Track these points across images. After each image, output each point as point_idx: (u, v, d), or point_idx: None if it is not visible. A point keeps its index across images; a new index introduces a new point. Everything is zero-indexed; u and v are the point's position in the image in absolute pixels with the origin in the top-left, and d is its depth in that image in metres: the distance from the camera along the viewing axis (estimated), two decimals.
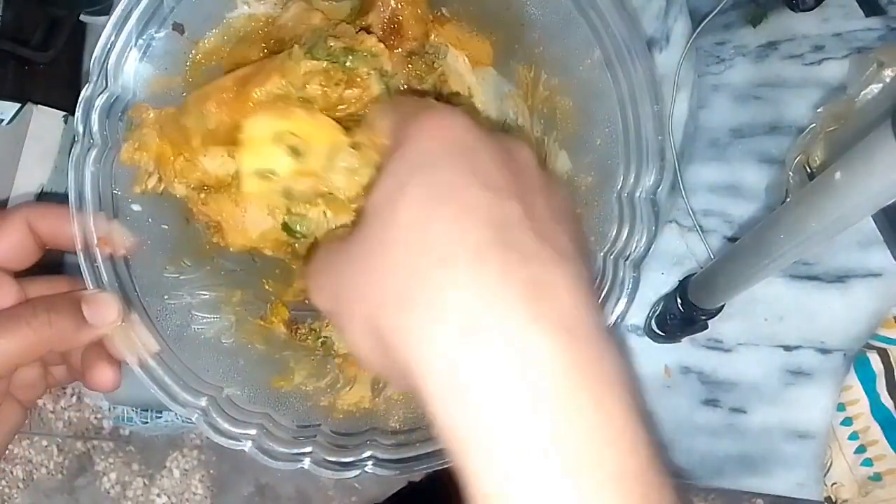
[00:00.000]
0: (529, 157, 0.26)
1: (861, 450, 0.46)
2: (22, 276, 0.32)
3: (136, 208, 0.34)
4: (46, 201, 0.53)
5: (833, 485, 0.46)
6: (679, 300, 0.43)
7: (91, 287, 0.32)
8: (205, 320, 0.35)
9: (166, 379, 0.32)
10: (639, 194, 0.32)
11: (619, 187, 0.33)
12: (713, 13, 0.48)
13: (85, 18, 0.49)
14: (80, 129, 0.32)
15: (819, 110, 0.45)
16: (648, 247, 0.32)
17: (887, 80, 0.42)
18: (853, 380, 0.46)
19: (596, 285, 0.33)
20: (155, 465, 1.36)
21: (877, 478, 0.45)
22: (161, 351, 0.32)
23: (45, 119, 0.53)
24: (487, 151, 0.24)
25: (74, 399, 1.38)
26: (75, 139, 0.32)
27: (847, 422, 0.46)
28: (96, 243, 0.32)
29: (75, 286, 0.33)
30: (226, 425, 0.32)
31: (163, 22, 0.33)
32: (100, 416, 1.37)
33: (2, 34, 0.44)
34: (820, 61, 0.50)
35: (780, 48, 0.50)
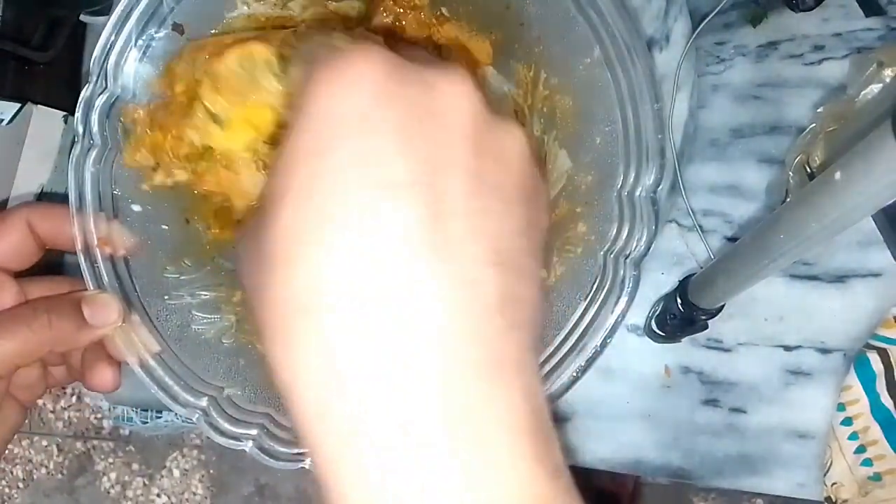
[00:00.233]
0: (469, 115, 0.20)
1: (861, 450, 0.46)
2: (22, 276, 0.33)
3: (136, 208, 0.34)
4: (46, 201, 0.53)
5: (833, 485, 0.46)
6: (679, 300, 0.43)
7: (91, 288, 0.32)
8: (205, 320, 0.35)
9: (167, 379, 0.32)
10: (639, 193, 0.32)
11: (619, 186, 0.33)
12: (713, 13, 0.48)
13: (85, 18, 0.49)
14: (80, 129, 0.32)
15: (819, 110, 0.45)
16: (648, 246, 0.32)
17: (887, 80, 0.42)
18: (853, 380, 0.47)
19: (596, 284, 0.33)
20: (155, 464, 1.36)
21: (877, 478, 0.45)
22: (161, 351, 0.32)
23: (45, 119, 0.53)
24: (397, 126, 0.19)
25: (74, 399, 1.38)
26: (75, 139, 0.32)
27: (847, 422, 0.46)
28: (96, 244, 0.32)
29: (75, 287, 0.33)
30: (226, 425, 0.32)
31: (162, 22, 0.33)
32: (100, 416, 1.37)
33: (2, 34, 0.44)
34: (820, 61, 0.50)
35: (780, 48, 0.50)
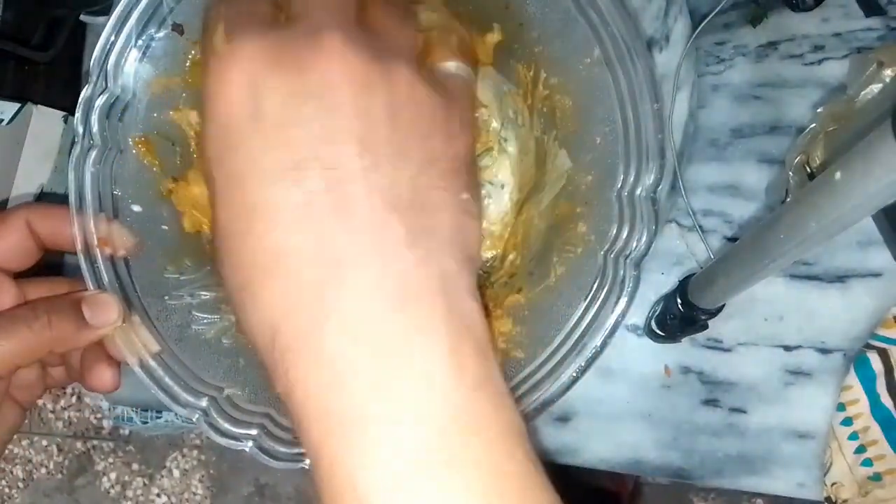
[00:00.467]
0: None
1: (861, 450, 0.46)
2: (21, 277, 0.32)
3: (136, 209, 0.34)
4: (46, 202, 0.53)
5: (833, 485, 0.46)
6: (679, 300, 0.43)
7: (91, 288, 0.32)
8: (205, 320, 0.34)
9: (167, 379, 0.32)
10: (639, 193, 0.32)
11: (619, 186, 0.33)
12: (713, 13, 0.48)
13: (85, 18, 0.49)
14: (80, 129, 0.32)
15: (819, 110, 0.45)
16: (649, 245, 0.32)
17: (887, 79, 0.42)
18: (853, 380, 0.46)
19: (596, 284, 0.33)
20: (155, 464, 1.36)
21: (877, 478, 0.45)
22: (161, 351, 0.32)
23: (45, 119, 0.53)
24: (279, 118, 0.23)
25: (74, 399, 1.38)
26: (75, 140, 0.32)
27: (847, 422, 0.46)
28: (96, 244, 0.32)
29: (74, 287, 0.33)
30: (226, 425, 0.32)
31: (162, 22, 0.33)
32: (100, 415, 1.37)
33: (2, 34, 0.44)
34: (820, 61, 0.50)
35: (779, 48, 0.50)
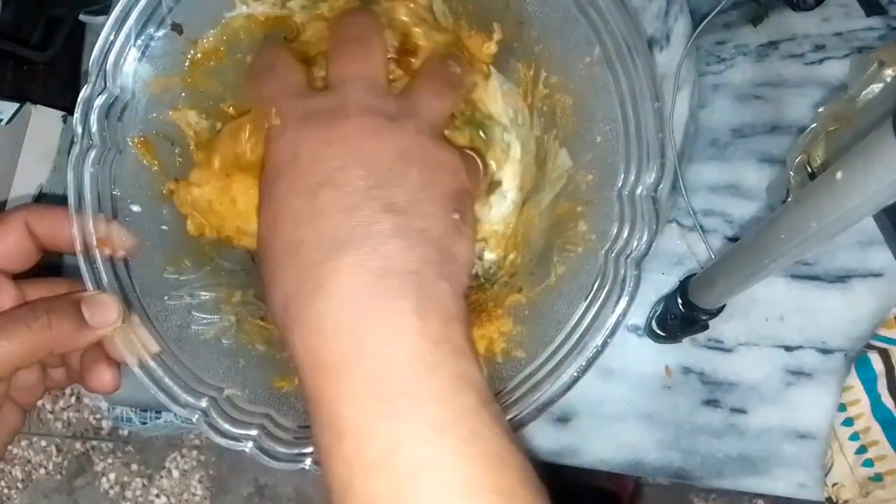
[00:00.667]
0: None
1: (862, 450, 0.46)
2: (20, 278, 0.32)
3: (135, 209, 0.34)
4: (45, 202, 0.53)
5: (834, 485, 0.46)
6: (680, 300, 0.43)
7: (91, 288, 0.32)
8: (205, 321, 0.34)
9: (166, 380, 0.32)
10: (639, 192, 0.32)
11: (619, 185, 0.33)
12: (714, 12, 0.48)
13: (84, 18, 0.49)
14: (79, 129, 0.32)
15: (820, 110, 0.44)
16: (649, 245, 0.32)
17: (888, 79, 0.42)
18: (854, 380, 0.46)
19: (597, 284, 0.33)
20: (154, 465, 1.36)
21: (878, 478, 0.45)
22: (161, 352, 0.32)
23: (44, 119, 0.52)
24: (311, 159, 0.29)
25: (73, 399, 1.38)
26: (74, 140, 0.32)
27: (848, 422, 0.46)
28: (96, 244, 0.32)
29: (73, 288, 0.33)
30: (226, 426, 0.32)
31: (161, 22, 0.33)
32: (99, 416, 1.37)
33: (1, 33, 0.44)
34: (821, 61, 0.50)
35: (780, 47, 0.50)
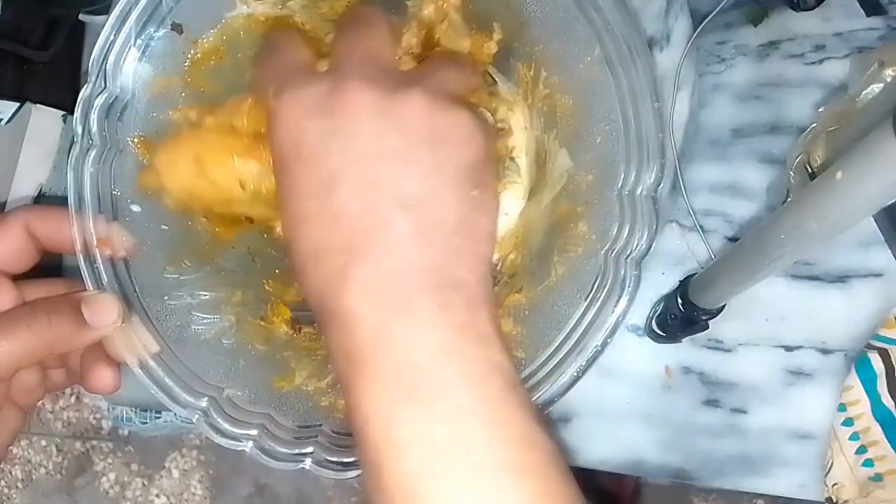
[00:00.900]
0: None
1: (862, 450, 0.46)
2: (20, 279, 0.32)
3: (135, 209, 0.34)
4: (45, 202, 0.53)
5: (834, 485, 0.46)
6: (680, 300, 0.43)
7: (91, 288, 0.32)
8: (205, 321, 0.34)
9: (167, 380, 0.32)
10: (639, 192, 0.32)
11: (619, 185, 0.33)
12: (714, 12, 0.48)
13: (84, 18, 0.49)
14: (79, 129, 0.32)
15: (820, 110, 0.44)
16: (649, 245, 0.32)
17: (888, 79, 0.42)
18: (854, 380, 0.46)
19: (596, 284, 0.33)
20: (154, 465, 1.36)
21: (878, 478, 0.45)
22: (161, 352, 0.32)
23: (44, 119, 0.52)
24: (315, 149, 0.27)
25: (73, 399, 1.38)
26: (74, 139, 0.32)
27: (848, 422, 0.46)
28: (96, 245, 0.32)
29: (73, 288, 0.33)
30: (226, 426, 0.32)
31: (161, 21, 0.33)
32: (99, 416, 1.37)
33: (1, 33, 0.44)
34: (821, 61, 0.50)
35: (781, 48, 0.50)
